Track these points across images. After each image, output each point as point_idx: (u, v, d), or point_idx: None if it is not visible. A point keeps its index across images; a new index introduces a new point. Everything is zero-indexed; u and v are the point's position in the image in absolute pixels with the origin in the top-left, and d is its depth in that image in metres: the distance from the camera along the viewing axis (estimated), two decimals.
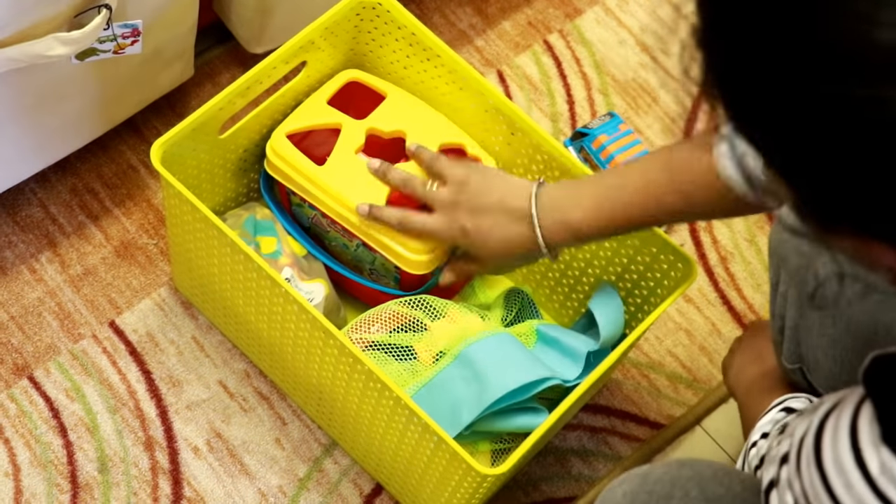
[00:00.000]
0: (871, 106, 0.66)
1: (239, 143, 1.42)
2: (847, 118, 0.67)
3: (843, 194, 0.69)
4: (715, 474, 0.97)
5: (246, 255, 1.27)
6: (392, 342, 1.36)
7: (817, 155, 0.69)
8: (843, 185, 0.69)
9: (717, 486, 0.96)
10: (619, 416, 1.52)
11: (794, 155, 0.70)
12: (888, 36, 0.65)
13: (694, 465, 0.99)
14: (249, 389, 1.48)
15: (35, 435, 1.43)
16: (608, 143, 1.60)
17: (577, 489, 1.48)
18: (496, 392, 1.29)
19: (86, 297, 1.51)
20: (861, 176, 0.68)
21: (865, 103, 0.66)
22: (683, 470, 0.98)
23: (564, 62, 1.73)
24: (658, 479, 0.97)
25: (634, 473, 0.99)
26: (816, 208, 0.72)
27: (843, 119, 0.67)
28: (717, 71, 0.72)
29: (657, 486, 0.97)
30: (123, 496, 1.41)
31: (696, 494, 0.95)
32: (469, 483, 1.26)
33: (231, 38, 1.63)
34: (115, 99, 1.46)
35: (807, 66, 0.67)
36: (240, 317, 1.41)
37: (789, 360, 1.16)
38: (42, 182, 1.56)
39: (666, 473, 0.98)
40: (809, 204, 0.72)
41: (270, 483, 1.44)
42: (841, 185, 0.69)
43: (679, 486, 0.96)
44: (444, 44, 1.41)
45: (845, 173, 0.68)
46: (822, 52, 0.67)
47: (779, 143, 0.71)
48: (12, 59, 1.24)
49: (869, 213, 0.69)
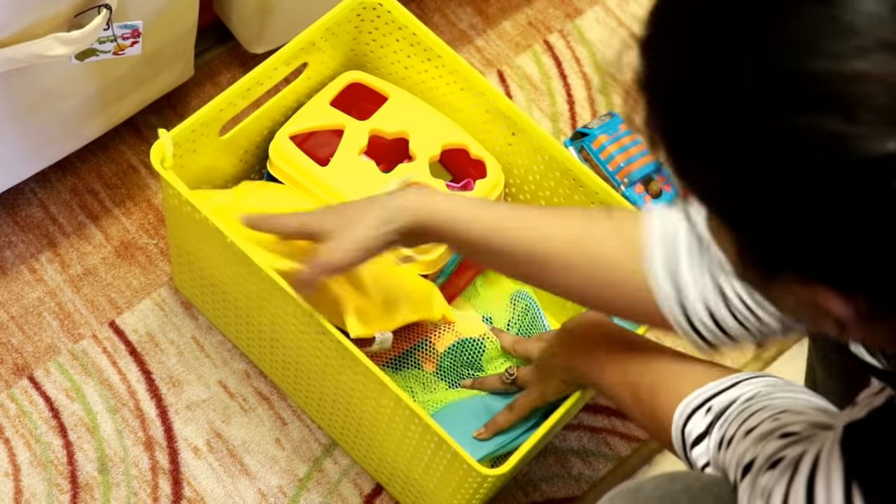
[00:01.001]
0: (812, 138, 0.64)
1: (240, 145, 1.42)
2: (788, 150, 0.65)
3: (789, 234, 0.67)
4: (704, 486, 0.97)
5: (245, 256, 1.27)
6: None
7: (759, 193, 0.67)
8: (788, 224, 0.67)
9: (707, 497, 0.96)
10: (619, 416, 1.52)
11: (735, 196, 0.68)
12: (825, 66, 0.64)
13: (685, 479, 0.99)
14: (249, 389, 1.48)
15: (35, 435, 1.43)
16: (608, 143, 1.60)
17: (577, 489, 1.48)
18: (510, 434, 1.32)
19: (86, 297, 1.51)
20: (806, 213, 0.66)
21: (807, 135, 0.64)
22: (674, 484, 0.98)
23: (565, 62, 1.73)
24: (649, 495, 0.97)
25: (625, 489, 0.99)
26: (760, 253, 0.70)
27: (784, 151, 0.65)
28: (658, 111, 0.70)
29: (649, 501, 0.97)
30: (123, 496, 1.41)
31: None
32: (469, 483, 1.26)
33: (231, 38, 1.63)
34: (115, 99, 1.46)
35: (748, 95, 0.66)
36: (240, 317, 1.41)
37: None
38: (42, 182, 1.56)
39: (656, 489, 0.97)
40: (753, 250, 0.70)
41: (270, 483, 1.44)
42: (785, 224, 0.67)
43: (670, 499, 0.96)
44: (444, 44, 1.41)
45: (789, 211, 0.66)
46: (762, 81, 0.65)
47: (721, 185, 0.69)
48: (12, 59, 1.24)
49: (815, 253, 0.67)
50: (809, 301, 0.70)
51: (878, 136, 0.63)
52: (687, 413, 1.05)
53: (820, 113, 0.64)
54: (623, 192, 1.58)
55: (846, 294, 0.68)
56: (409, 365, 1.41)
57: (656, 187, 1.58)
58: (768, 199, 0.66)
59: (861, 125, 0.63)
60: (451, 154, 1.45)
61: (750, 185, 0.67)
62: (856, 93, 0.63)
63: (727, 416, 1.00)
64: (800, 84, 0.64)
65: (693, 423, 1.04)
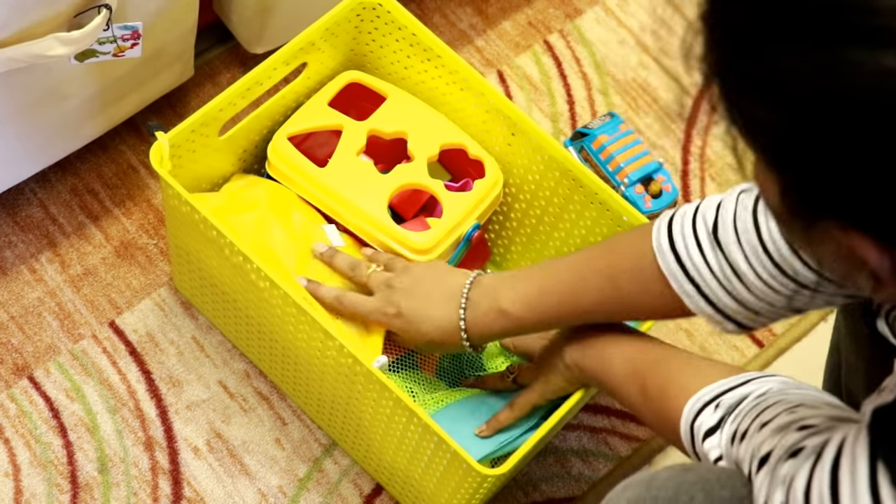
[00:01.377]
0: (867, 72, 0.64)
1: (239, 145, 1.42)
2: (842, 86, 0.65)
3: (833, 176, 0.68)
4: (719, 478, 0.96)
5: (245, 256, 1.27)
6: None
7: (808, 132, 0.67)
8: (833, 165, 0.67)
9: (722, 490, 0.95)
10: (619, 416, 1.52)
11: (785, 136, 0.69)
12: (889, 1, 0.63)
13: (698, 470, 0.98)
14: (249, 389, 1.48)
15: (35, 435, 1.43)
16: (608, 143, 1.60)
17: (577, 489, 1.48)
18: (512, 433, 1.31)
19: (86, 297, 1.51)
20: (851, 152, 0.66)
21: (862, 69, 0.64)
22: (688, 474, 0.97)
23: (564, 62, 1.73)
24: (662, 485, 0.96)
25: (638, 480, 0.99)
26: (803, 197, 0.71)
27: (835, 86, 0.65)
28: (717, 42, 0.71)
29: (661, 491, 0.96)
30: (123, 496, 1.41)
31: (701, 499, 0.94)
32: (469, 483, 1.26)
33: (231, 38, 1.63)
34: (115, 99, 1.46)
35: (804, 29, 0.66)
36: (240, 317, 1.41)
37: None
38: (42, 182, 1.56)
39: (670, 479, 0.97)
40: (796, 193, 0.71)
41: (270, 483, 1.44)
42: (830, 164, 0.68)
43: (684, 490, 0.95)
44: (444, 44, 1.41)
45: (834, 150, 0.67)
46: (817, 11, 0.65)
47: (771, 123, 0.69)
48: (12, 59, 1.24)
49: (856, 199, 0.68)
50: (847, 250, 0.70)
51: None
52: (697, 408, 1.05)
53: (874, 47, 0.64)
54: (623, 192, 1.58)
55: (884, 244, 0.68)
56: (409, 367, 1.41)
57: (656, 187, 1.58)
58: (816, 135, 0.67)
59: None
60: (449, 154, 1.45)
61: (798, 120, 0.67)
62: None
63: (740, 411, 1.00)
64: (854, 16, 0.64)
65: (703, 417, 1.04)
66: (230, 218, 1.35)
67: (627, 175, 1.58)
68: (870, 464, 0.79)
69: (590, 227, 1.41)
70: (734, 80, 0.71)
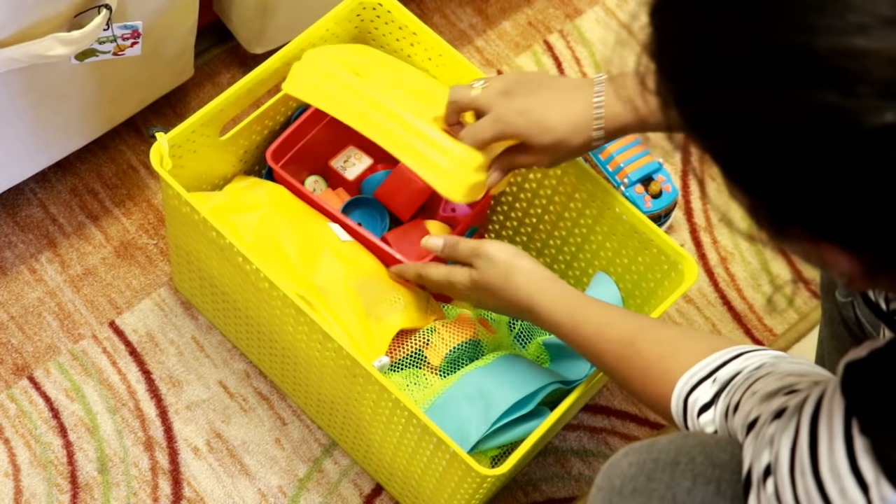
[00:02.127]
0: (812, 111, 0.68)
1: (240, 145, 1.42)
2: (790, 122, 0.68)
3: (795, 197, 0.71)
4: (718, 442, 0.98)
5: (245, 256, 1.27)
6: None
7: (761, 161, 0.71)
8: (794, 188, 0.71)
9: (722, 453, 0.97)
10: (619, 416, 1.52)
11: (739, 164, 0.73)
12: (824, 43, 0.67)
13: (698, 435, 1.00)
14: (249, 389, 1.48)
15: (35, 435, 1.43)
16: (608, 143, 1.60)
17: (577, 489, 1.48)
18: (501, 406, 1.29)
19: (86, 297, 1.51)
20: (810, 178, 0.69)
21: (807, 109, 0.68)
22: (688, 439, 0.99)
23: (564, 62, 1.73)
24: (663, 448, 0.98)
25: (639, 445, 1.00)
26: (771, 213, 0.74)
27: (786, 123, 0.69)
28: (666, 80, 0.74)
29: (662, 454, 0.98)
30: (123, 496, 1.41)
31: (701, 460, 0.96)
32: (469, 484, 1.26)
33: (231, 38, 1.63)
34: (115, 99, 1.46)
35: (749, 70, 0.69)
36: (239, 317, 1.41)
37: (843, 294, 1.17)
38: (42, 182, 1.56)
39: (671, 442, 0.99)
40: (763, 209, 0.74)
41: (270, 483, 1.44)
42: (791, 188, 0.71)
43: (685, 452, 0.97)
44: (445, 43, 1.41)
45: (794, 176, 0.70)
46: (763, 56, 0.68)
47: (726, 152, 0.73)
48: (12, 59, 1.24)
49: (821, 215, 0.71)
50: (817, 256, 0.75)
51: (875, 108, 0.66)
52: (692, 384, 1.05)
53: (819, 87, 0.67)
54: (623, 192, 1.58)
55: (849, 250, 0.72)
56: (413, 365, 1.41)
57: (656, 188, 1.58)
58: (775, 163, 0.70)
59: (859, 98, 0.66)
60: None
61: (750, 152, 0.71)
62: (854, 68, 0.66)
63: (733, 385, 1.01)
64: (799, 60, 0.67)
65: (698, 393, 1.05)
66: (233, 217, 1.35)
67: (627, 175, 1.58)
68: (845, 420, 0.81)
69: (590, 226, 1.41)
70: (683, 115, 0.74)
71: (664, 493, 0.96)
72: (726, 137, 0.72)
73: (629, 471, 0.99)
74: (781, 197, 0.72)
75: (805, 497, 0.83)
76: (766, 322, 1.59)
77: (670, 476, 0.97)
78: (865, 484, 0.79)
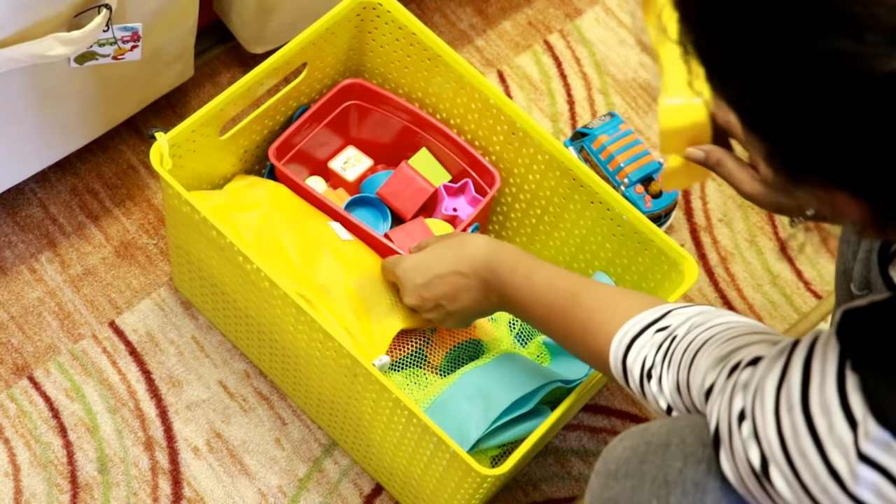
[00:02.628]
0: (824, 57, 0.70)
1: (240, 145, 1.42)
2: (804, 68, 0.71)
3: (809, 143, 0.74)
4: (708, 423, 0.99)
5: (245, 255, 1.27)
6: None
7: (779, 108, 0.73)
8: (808, 134, 0.73)
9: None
10: (619, 416, 1.52)
11: (759, 111, 0.75)
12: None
13: (689, 417, 1.02)
14: (249, 389, 1.48)
15: (35, 435, 1.43)
16: (608, 143, 1.60)
17: (577, 489, 1.48)
18: (501, 404, 1.29)
19: (86, 297, 1.51)
20: (823, 123, 0.72)
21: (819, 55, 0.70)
22: (678, 421, 1.01)
23: (564, 62, 1.73)
24: (656, 432, 1.00)
25: (634, 429, 1.03)
26: (786, 159, 0.76)
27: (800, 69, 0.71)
28: (689, 27, 0.76)
29: (655, 436, 1.00)
30: (123, 496, 1.41)
31: (692, 440, 0.98)
32: (469, 484, 1.26)
33: (231, 38, 1.63)
34: (115, 99, 1.46)
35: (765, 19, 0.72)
36: (240, 317, 1.41)
37: (858, 286, 1.18)
38: (42, 182, 1.56)
39: (662, 426, 1.01)
40: (780, 155, 0.77)
41: (270, 483, 1.44)
42: (805, 134, 0.73)
43: (676, 433, 0.99)
44: (444, 44, 1.41)
45: (808, 121, 0.72)
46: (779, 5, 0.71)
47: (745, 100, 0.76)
48: (12, 59, 1.24)
49: (833, 160, 0.74)
50: (830, 202, 0.77)
51: (886, 55, 0.68)
52: (626, 343, 1.08)
53: (830, 34, 0.69)
54: (623, 192, 1.58)
55: (860, 197, 0.75)
56: (414, 364, 1.41)
57: (656, 187, 1.58)
58: (790, 111, 0.73)
59: (870, 45, 0.68)
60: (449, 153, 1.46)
61: (769, 100, 0.73)
62: (864, 14, 0.68)
63: (674, 360, 1.03)
64: (811, 7, 0.70)
65: (634, 354, 1.07)
66: (233, 215, 1.35)
67: (627, 175, 1.58)
68: (839, 361, 0.83)
69: (590, 226, 1.41)
70: (704, 63, 0.77)
71: (656, 473, 0.98)
72: (742, 85, 0.75)
73: (623, 454, 1.01)
74: (795, 144, 0.74)
75: (791, 432, 0.85)
76: (767, 322, 1.59)
77: (662, 457, 0.99)
78: (854, 420, 0.81)
